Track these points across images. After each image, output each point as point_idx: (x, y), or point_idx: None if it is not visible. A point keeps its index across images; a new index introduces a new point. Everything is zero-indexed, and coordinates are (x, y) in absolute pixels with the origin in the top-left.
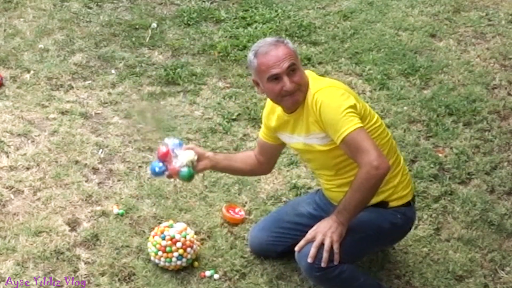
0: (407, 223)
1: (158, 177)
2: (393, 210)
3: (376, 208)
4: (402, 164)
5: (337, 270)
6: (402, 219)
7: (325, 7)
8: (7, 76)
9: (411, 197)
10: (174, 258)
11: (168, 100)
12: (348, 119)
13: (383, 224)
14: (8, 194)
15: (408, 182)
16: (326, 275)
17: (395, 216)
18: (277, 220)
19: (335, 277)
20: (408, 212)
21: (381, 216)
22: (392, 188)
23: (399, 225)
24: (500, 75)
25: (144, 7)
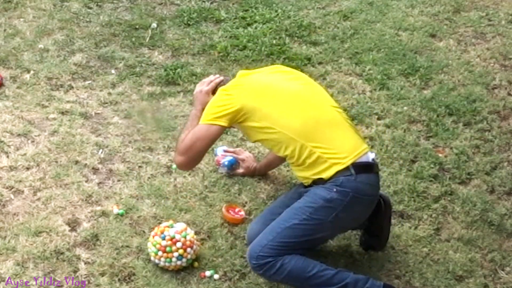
0: (346, 195)
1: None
2: (330, 183)
3: (314, 188)
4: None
5: (277, 264)
6: (339, 192)
7: (325, 7)
8: (7, 76)
9: (350, 162)
10: (174, 258)
11: (168, 100)
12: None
13: (316, 202)
14: (8, 194)
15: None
16: (268, 271)
17: (329, 191)
18: (271, 209)
19: (279, 271)
20: (347, 182)
21: (314, 195)
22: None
23: (334, 198)
24: (500, 75)
25: (144, 7)
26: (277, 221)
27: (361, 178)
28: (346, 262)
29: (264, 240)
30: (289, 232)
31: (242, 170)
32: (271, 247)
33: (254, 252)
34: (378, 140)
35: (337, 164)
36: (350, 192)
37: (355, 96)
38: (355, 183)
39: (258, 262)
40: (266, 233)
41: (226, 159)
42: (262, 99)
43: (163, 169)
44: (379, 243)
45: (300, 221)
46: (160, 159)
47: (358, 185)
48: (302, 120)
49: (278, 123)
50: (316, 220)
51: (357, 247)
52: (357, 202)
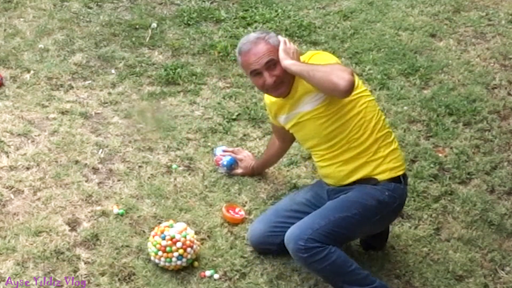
0: (394, 201)
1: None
2: (382, 186)
3: (365, 186)
4: (393, 139)
5: (325, 251)
6: (390, 196)
7: (325, 7)
8: (7, 76)
9: (401, 172)
10: (174, 258)
11: (168, 100)
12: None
13: (368, 201)
14: (8, 194)
15: (399, 157)
16: (313, 257)
17: (382, 193)
18: (276, 211)
19: (323, 258)
20: (397, 190)
21: (368, 194)
22: (381, 158)
23: (386, 202)
24: (500, 75)
25: (144, 7)
26: (328, 209)
27: (405, 189)
28: None
29: (316, 224)
30: (341, 222)
31: (241, 170)
32: (323, 232)
33: (305, 234)
34: None
35: (396, 170)
36: (398, 199)
37: None
38: (402, 192)
39: (306, 245)
40: (316, 218)
41: (225, 159)
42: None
43: (163, 169)
44: (379, 243)
45: (352, 215)
46: (160, 159)
47: (404, 195)
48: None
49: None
50: (364, 217)
51: (357, 247)
52: (397, 210)
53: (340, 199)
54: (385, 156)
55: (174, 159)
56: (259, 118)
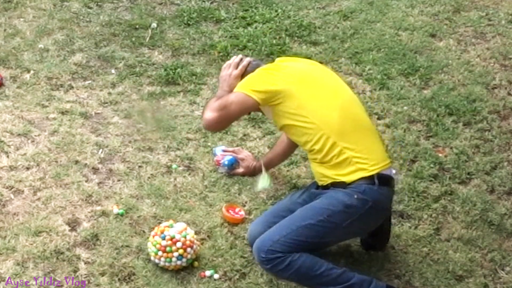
0: (365, 204)
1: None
2: (351, 188)
3: (335, 190)
4: (366, 138)
5: (286, 260)
6: (359, 199)
7: (325, 7)
8: (7, 76)
9: (374, 172)
10: (174, 258)
11: (168, 100)
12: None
13: (334, 207)
14: (8, 194)
15: (373, 156)
16: (276, 267)
17: (350, 197)
18: (274, 211)
19: (287, 268)
20: (369, 191)
21: (335, 198)
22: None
23: (354, 205)
24: (500, 75)
25: (144, 7)
26: (292, 219)
27: (382, 190)
28: (346, 262)
29: (276, 235)
30: (303, 231)
31: (242, 169)
32: (283, 243)
33: (264, 246)
34: None
35: (363, 171)
36: (370, 201)
37: None
38: (377, 193)
39: (267, 256)
40: (279, 228)
41: (226, 159)
42: (303, 87)
43: (163, 169)
44: (379, 243)
45: (316, 222)
46: (160, 159)
47: (379, 196)
48: (340, 119)
49: (315, 114)
50: (331, 223)
51: (357, 247)
52: (373, 213)
53: (306, 206)
54: (351, 157)
55: (174, 159)
56: (259, 118)
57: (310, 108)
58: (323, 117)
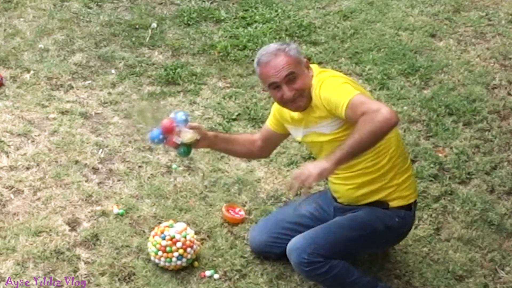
0: (403, 227)
1: (154, 145)
2: (392, 212)
3: (375, 208)
4: (409, 165)
5: (327, 266)
6: (399, 222)
7: (325, 7)
8: (7, 76)
9: (413, 200)
10: (174, 258)
11: (168, 100)
12: (347, 89)
13: (378, 226)
14: (8, 194)
15: (412, 184)
16: (315, 271)
17: (392, 219)
18: (278, 221)
19: (325, 272)
20: (407, 217)
21: (377, 217)
22: (396, 186)
23: (394, 228)
24: (500, 75)
25: (144, 7)
26: (336, 226)
27: (414, 217)
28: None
29: (321, 239)
30: (346, 241)
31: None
32: (327, 249)
33: (309, 248)
34: None
35: (407, 199)
36: (406, 227)
37: None
38: (410, 220)
39: (309, 259)
40: (323, 233)
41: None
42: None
43: (163, 169)
44: None
45: (359, 235)
46: (160, 159)
47: (412, 222)
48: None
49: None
50: (370, 239)
51: None
52: (402, 236)
53: (348, 217)
54: (399, 183)
55: (174, 159)
56: (259, 118)
57: None
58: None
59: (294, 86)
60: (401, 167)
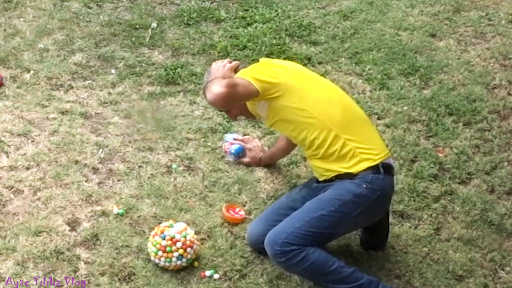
0: (374, 192)
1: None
2: (359, 179)
3: (342, 181)
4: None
5: (302, 253)
6: (368, 188)
7: (325, 7)
8: (7, 76)
9: (379, 161)
10: (174, 258)
11: (168, 100)
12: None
13: (344, 197)
14: (8, 194)
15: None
16: (290, 260)
17: (359, 186)
18: (273, 209)
19: (302, 261)
20: (376, 180)
21: (343, 189)
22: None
23: (363, 195)
24: (500, 75)
25: (144, 7)
26: (304, 211)
27: (387, 179)
28: (346, 262)
29: (290, 227)
30: (316, 222)
31: (247, 159)
32: (298, 234)
33: (279, 239)
34: None
35: (368, 160)
36: (378, 190)
37: (355, 96)
38: (383, 182)
39: (282, 249)
40: (292, 220)
41: (233, 147)
42: (302, 81)
43: (163, 169)
44: (379, 243)
45: (328, 212)
46: (160, 159)
47: (385, 185)
48: (341, 111)
49: (317, 108)
50: (342, 213)
51: (357, 247)
52: (380, 202)
53: (316, 198)
54: (355, 148)
55: (174, 159)
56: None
57: (312, 101)
58: (325, 110)
59: (233, 112)
60: (352, 134)
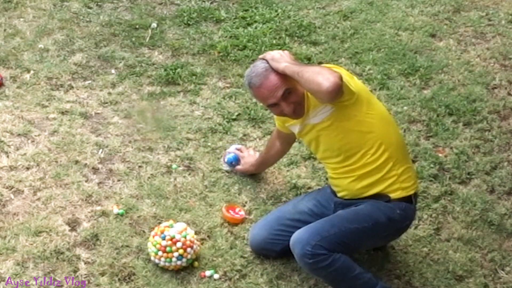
0: (404, 220)
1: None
2: (394, 204)
3: (377, 201)
4: (407, 157)
5: (330, 258)
6: (401, 215)
7: (325, 7)
8: (7, 76)
9: (413, 191)
10: (174, 258)
11: (168, 100)
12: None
13: (380, 217)
14: (8, 194)
15: (412, 175)
16: (318, 263)
17: (393, 211)
18: (278, 218)
19: (328, 265)
20: (408, 210)
21: (379, 210)
22: (395, 177)
23: (396, 220)
24: (500, 75)
25: (144, 7)
26: (340, 219)
27: (415, 210)
28: None
29: (325, 232)
30: (350, 233)
31: (240, 166)
32: (331, 241)
33: (313, 240)
34: None
35: (406, 190)
36: (408, 219)
37: None
38: (412, 212)
39: (313, 251)
40: (327, 226)
41: (228, 156)
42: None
43: (163, 169)
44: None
45: (362, 228)
46: (160, 159)
47: (413, 215)
48: (396, 132)
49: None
50: (372, 232)
51: None
52: (405, 229)
53: (351, 210)
54: (399, 174)
55: (174, 159)
56: (259, 118)
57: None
58: (385, 128)
59: (291, 100)
60: (398, 158)
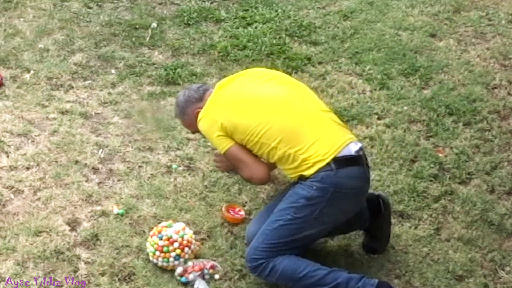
0: (327, 191)
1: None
2: (310, 180)
3: (295, 186)
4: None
5: (270, 265)
6: (318, 189)
7: (325, 7)
8: (7, 76)
9: (329, 159)
10: (172, 258)
11: (168, 100)
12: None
13: (298, 203)
14: (8, 194)
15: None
16: (262, 273)
17: (309, 189)
18: (269, 209)
19: (272, 272)
20: (327, 178)
21: (294, 195)
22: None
23: (315, 197)
24: (500, 75)
25: (144, 7)
26: (266, 224)
27: (342, 173)
28: (346, 262)
29: (256, 243)
30: (276, 233)
31: None
32: (262, 249)
33: (248, 255)
34: (378, 140)
35: (319, 162)
36: (330, 187)
37: (355, 96)
38: (335, 178)
39: (252, 265)
40: (257, 236)
41: None
42: (238, 112)
43: (163, 169)
44: (380, 245)
45: (285, 222)
46: (160, 159)
47: (338, 179)
48: (280, 127)
49: (259, 133)
50: (300, 219)
51: (357, 247)
52: (340, 197)
53: (275, 210)
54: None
55: (174, 159)
56: None
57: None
58: (266, 132)
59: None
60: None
